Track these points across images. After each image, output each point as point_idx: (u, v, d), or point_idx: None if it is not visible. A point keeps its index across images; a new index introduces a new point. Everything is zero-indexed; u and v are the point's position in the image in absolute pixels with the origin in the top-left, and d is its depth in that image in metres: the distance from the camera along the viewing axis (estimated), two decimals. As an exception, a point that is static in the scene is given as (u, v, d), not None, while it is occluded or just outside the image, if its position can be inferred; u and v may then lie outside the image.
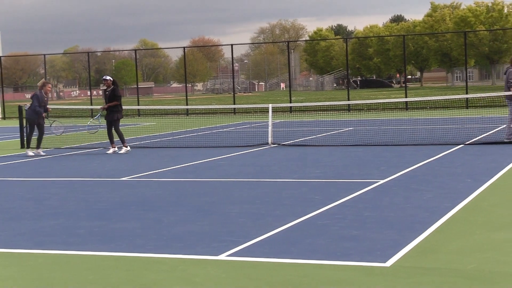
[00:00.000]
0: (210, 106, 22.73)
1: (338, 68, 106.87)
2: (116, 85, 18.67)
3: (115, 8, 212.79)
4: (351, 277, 6.25)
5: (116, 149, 18.38)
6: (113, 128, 18.49)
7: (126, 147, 18.37)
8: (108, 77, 18.70)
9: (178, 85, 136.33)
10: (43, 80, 18.95)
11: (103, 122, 18.98)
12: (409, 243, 7.33)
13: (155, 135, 24.31)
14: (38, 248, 7.72)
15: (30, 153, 18.13)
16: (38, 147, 18.41)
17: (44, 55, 45.62)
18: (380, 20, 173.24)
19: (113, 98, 18.46)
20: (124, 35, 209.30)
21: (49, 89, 18.52)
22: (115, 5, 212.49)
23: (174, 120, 34.21)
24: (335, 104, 37.82)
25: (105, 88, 18.84)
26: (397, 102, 37.11)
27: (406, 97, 38.57)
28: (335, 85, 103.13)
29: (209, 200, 10.51)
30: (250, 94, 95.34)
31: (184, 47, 44.17)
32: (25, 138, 19.27)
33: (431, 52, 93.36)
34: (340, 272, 6.41)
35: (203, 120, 32.76)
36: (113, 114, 18.47)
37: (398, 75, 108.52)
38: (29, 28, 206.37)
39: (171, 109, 41.00)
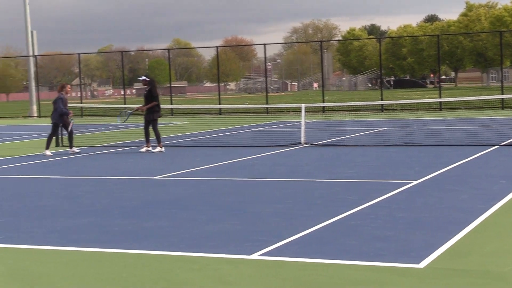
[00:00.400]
0: (243, 106, 22.78)
1: (371, 68, 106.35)
2: (152, 84, 18.53)
3: (148, 7, 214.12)
4: (384, 278, 6.21)
5: (150, 148, 18.46)
6: (150, 127, 18.49)
7: (161, 147, 18.40)
8: (142, 77, 18.71)
9: (211, 85, 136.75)
10: (61, 82, 19.26)
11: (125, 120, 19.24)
12: (442, 244, 7.26)
13: (188, 134, 24.39)
14: (72, 245, 7.79)
15: (48, 153, 18.29)
16: (71, 146, 18.59)
17: (79, 54, 46.05)
18: (414, 19, 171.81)
19: (150, 98, 18.43)
20: (157, 34, 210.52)
21: (69, 89, 18.77)
22: (148, 4, 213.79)
23: (207, 119, 34.32)
24: (368, 104, 37.64)
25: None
26: (431, 102, 36.82)
27: (440, 97, 38.25)
28: (369, 85, 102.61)
29: (241, 199, 10.51)
30: (282, 93, 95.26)
31: (217, 47, 44.32)
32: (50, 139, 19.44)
33: (466, 52, 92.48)
34: (372, 272, 6.37)
35: (236, 119, 32.81)
36: (150, 114, 18.43)
37: (432, 75, 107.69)
38: (63, 27, 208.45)
39: (204, 108, 41.12)
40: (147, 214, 9.55)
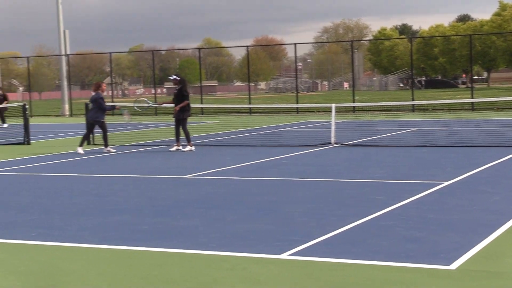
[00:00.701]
0: (273, 105, 22.77)
1: (403, 68, 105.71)
2: (183, 83, 18.59)
3: (179, 7, 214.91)
4: (414, 279, 6.17)
5: (180, 147, 18.53)
6: (180, 127, 18.56)
7: (191, 146, 18.46)
8: (173, 76, 18.77)
9: (241, 84, 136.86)
10: (96, 81, 19.47)
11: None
12: (474, 246, 7.20)
13: (218, 134, 24.45)
14: (103, 243, 7.85)
15: (81, 151, 18.44)
16: (106, 145, 18.73)
17: (110, 53, 46.40)
18: (446, 19, 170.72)
19: (180, 97, 18.50)
20: (188, 33, 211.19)
21: (105, 87, 19.01)
22: (179, 4, 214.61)
23: (237, 118, 34.37)
24: (399, 104, 37.42)
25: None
26: (463, 102, 36.51)
27: (472, 97, 37.90)
28: (401, 85, 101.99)
29: (271, 199, 10.52)
30: (313, 93, 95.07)
31: (247, 46, 44.38)
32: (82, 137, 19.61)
33: (499, 52, 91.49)
34: (402, 273, 6.34)
35: (265, 119, 32.81)
36: (181, 113, 18.48)
37: (464, 75, 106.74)
38: (95, 27, 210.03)
39: (234, 107, 41.19)
40: (178, 213, 9.59)
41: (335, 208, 9.59)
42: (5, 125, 32.71)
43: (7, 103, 33.06)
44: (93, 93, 18.82)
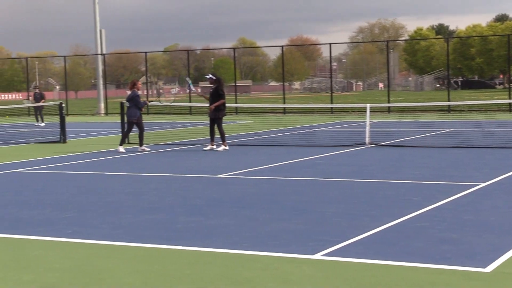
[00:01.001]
0: (307, 105, 22.74)
1: (439, 68, 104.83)
2: (219, 83, 18.60)
3: (214, 6, 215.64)
4: (449, 281, 6.11)
5: (214, 146, 18.57)
6: (215, 126, 18.62)
7: (225, 146, 18.49)
8: (209, 75, 18.78)
9: (276, 84, 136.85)
10: (132, 80, 19.60)
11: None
12: (511, 248, 7.11)
13: (252, 133, 24.47)
14: (137, 241, 7.90)
15: (122, 149, 18.57)
16: (141, 144, 18.85)
17: (145, 52, 46.72)
18: (483, 19, 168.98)
19: (216, 96, 18.53)
20: (223, 33, 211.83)
21: (140, 85, 19.14)
22: (214, 3, 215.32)
23: (272, 118, 34.36)
24: (435, 104, 37.11)
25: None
26: (500, 103, 36.09)
27: (510, 98, 37.45)
28: (437, 85, 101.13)
29: (305, 199, 10.50)
30: (347, 93, 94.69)
31: (282, 46, 44.39)
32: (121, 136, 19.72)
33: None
34: (437, 275, 6.28)
35: (300, 119, 32.76)
36: (216, 112, 18.51)
37: (501, 76, 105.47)
38: (131, 26, 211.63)
39: (269, 107, 41.20)
40: (211, 212, 9.62)
41: (369, 209, 9.54)
42: (42, 124, 33.11)
43: (43, 102, 33.46)
44: (129, 92, 18.96)
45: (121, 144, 18.79)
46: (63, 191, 12.00)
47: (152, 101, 21.35)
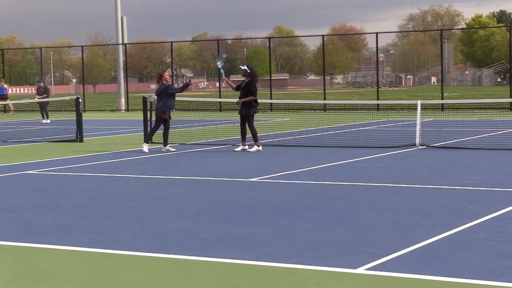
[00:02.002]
0: (350, 101, 22.68)
1: (500, 61, 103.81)
2: (253, 77, 18.47)
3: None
4: (510, 300, 6.05)
5: (246, 147, 18.59)
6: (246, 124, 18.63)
7: (258, 146, 18.49)
8: (244, 66, 18.70)
9: (315, 78, 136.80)
10: (158, 71, 19.65)
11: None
12: None
13: (289, 132, 24.47)
14: (160, 251, 7.94)
15: (146, 149, 18.67)
16: (165, 143, 18.93)
17: (171, 42, 46.92)
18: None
19: (246, 92, 18.47)
20: (257, 21, 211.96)
21: (168, 76, 19.23)
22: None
23: (310, 116, 34.34)
24: (495, 101, 36.75)
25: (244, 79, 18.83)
26: None
27: None
28: (498, 79, 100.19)
29: (347, 206, 10.47)
30: (396, 88, 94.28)
31: (323, 35, 44.24)
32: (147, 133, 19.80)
33: None
34: (496, 294, 6.22)
35: (342, 116, 32.69)
36: (247, 109, 18.50)
37: None
38: (155, 14, 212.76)
39: (307, 103, 41.17)
40: (243, 220, 9.64)
41: (420, 218, 9.49)
42: (48, 121, 33.35)
43: (46, 97, 33.41)
44: (156, 86, 19.06)
45: (146, 142, 18.87)
46: (79, 195, 12.11)
47: (190, 80, 21.23)
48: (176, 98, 19.51)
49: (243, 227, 9.18)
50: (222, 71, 19.54)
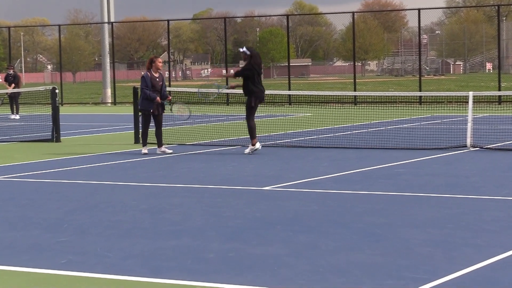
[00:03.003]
0: (386, 93, 22.65)
1: None
2: (251, 57, 18.73)
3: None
4: None
5: (256, 146, 18.63)
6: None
7: (254, 145, 18.63)
8: (243, 49, 18.97)
9: (344, 64, 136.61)
10: (150, 57, 19.43)
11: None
12: None
13: (311, 131, 24.44)
14: (154, 275, 7.96)
15: (144, 150, 18.70)
16: (160, 144, 18.91)
17: (168, 20, 47.08)
18: None
19: (247, 77, 18.75)
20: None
21: (160, 63, 18.96)
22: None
23: (337, 110, 34.31)
24: None
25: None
26: None
27: None
28: None
29: (382, 221, 10.47)
30: (442, 77, 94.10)
31: (353, 12, 44.22)
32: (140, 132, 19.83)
33: None
34: None
35: (376, 111, 32.65)
36: (247, 98, 18.83)
37: None
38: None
39: (334, 95, 41.11)
40: (254, 237, 9.64)
41: (471, 236, 9.47)
42: (17, 117, 33.36)
43: (13, 87, 33.31)
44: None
45: (144, 145, 18.84)
46: (56, 206, 12.14)
47: (166, 102, 19.67)
48: (174, 89, 19.52)
49: (255, 246, 9.18)
50: (222, 88, 20.12)
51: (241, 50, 19.01)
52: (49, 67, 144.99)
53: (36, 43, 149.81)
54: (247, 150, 18.57)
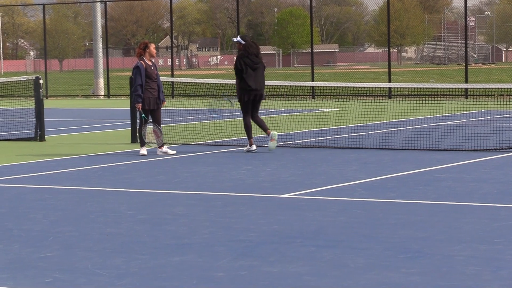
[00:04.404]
0: (426, 85, 22.59)
1: None
2: (245, 48, 19.05)
3: None
4: None
5: (253, 147, 19.11)
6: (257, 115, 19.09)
7: (251, 145, 19.12)
8: (237, 38, 19.28)
9: (377, 50, 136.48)
10: (142, 42, 19.40)
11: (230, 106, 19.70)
12: None
13: (338, 128, 24.43)
14: (153, 297, 7.98)
15: (143, 151, 18.69)
16: (160, 144, 18.92)
17: (171, -1, 47.02)
18: None
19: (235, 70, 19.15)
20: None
21: (154, 50, 18.98)
22: None
23: (369, 105, 34.27)
24: None
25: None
26: None
27: None
28: None
29: (421, 235, 10.46)
30: (493, 66, 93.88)
31: (387, -11, 44.10)
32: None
33: None
34: None
35: (413, 106, 32.60)
36: (239, 92, 19.16)
37: None
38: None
39: (364, 87, 41.04)
40: (271, 253, 9.65)
41: (525, 252, 9.47)
42: None
43: None
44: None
45: (142, 145, 18.82)
46: (39, 216, 12.17)
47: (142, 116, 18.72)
48: (177, 80, 19.58)
49: (272, 263, 9.19)
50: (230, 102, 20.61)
51: (234, 40, 19.28)
52: (31, 53, 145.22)
53: (17, 26, 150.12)
54: (245, 148, 19.14)
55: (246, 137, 19.21)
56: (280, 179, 15.36)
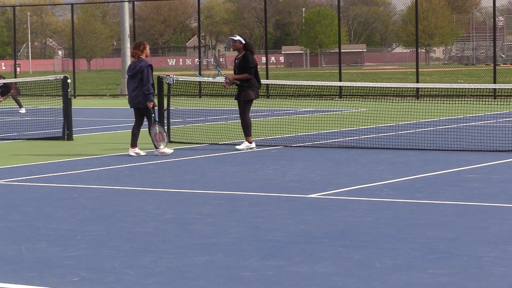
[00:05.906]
0: (454, 85, 22.54)
1: None
2: (249, 49, 19.40)
3: None
4: None
5: (252, 144, 19.38)
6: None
7: (250, 142, 19.31)
8: (236, 37, 19.51)
9: (405, 50, 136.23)
10: (139, 43, 19.32)
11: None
12: None
13: (365, 129, 24.40)
14: (180, 296, 7.98)
15: (132, 153, 18.61)
16: (157, 145, 18.82)
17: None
18: None
19: (243, 70, 19.24)
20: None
21: (148, 51, 18.99)
22: None
23: (397, 105, 34.20)
24: None
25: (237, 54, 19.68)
26: None
27: None
28: None
29: (449, 235, 10.43)
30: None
31: (416, -11, 43.98)
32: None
33: None
34: None
35: (442, 106, 32.51)
36: (243, 92, 19.21)
37: None
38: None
39: (392, 87, 40.97)
40: (298, 253, 9.64)
41: (554, 254, 9.43)
42: (22, 111, 33.75)
43: (9, 97, 33.99)
44: (133, 61, 18.79)
45: (132, 146, 18.75)
46: (67, 215, 12.21)
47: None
48: (203, 79, 19.63)
49: (300, 263, 9.18)
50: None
51: (234, 38, 19.53)
52: (60, 52, 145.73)
53: (45, 25, 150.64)
54: (241, 146, 19.23)
55: (244, 134, 19.39)
56: (308, 179, 15.35)
